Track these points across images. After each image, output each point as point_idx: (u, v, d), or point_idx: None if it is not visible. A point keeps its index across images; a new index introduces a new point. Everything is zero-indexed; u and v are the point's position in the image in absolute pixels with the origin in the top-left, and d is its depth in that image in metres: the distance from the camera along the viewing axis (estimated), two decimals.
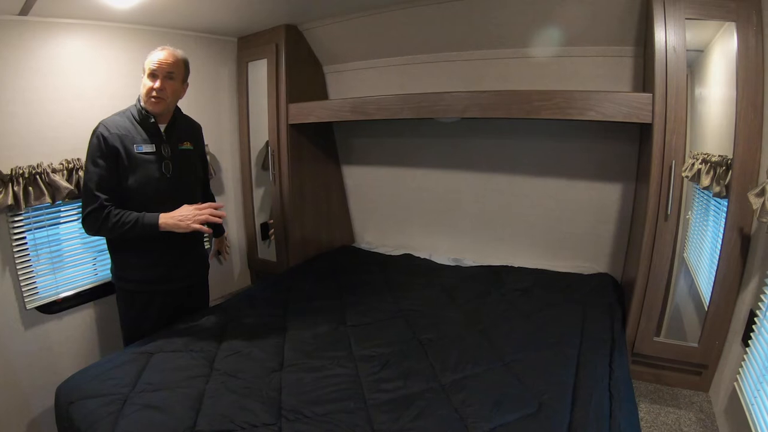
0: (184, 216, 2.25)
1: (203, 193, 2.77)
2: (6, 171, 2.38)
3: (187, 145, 2.53)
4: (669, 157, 2.29)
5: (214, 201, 2.69)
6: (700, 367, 2.45)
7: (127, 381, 2.00)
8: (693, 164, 2.36)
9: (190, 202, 2.39)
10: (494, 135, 3.26)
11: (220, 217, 2.38)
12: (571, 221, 3.20)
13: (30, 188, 2.48)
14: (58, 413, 1.97)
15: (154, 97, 2.28)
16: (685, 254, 2.59)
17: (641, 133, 2.78)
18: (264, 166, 3.69)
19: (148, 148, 2.32)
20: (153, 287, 2.43)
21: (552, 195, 3.21)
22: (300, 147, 3.54)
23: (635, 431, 1.74)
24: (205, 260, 2.75)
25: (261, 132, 3.63)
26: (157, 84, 2.26)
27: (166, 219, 2.24)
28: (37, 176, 2.50)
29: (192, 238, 2.50)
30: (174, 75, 2.33)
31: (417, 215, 3.85)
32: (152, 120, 2.33)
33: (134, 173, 2.28)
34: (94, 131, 2.23)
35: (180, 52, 2.36)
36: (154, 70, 2.26)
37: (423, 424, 1.72)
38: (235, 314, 2.67)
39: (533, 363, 2.11)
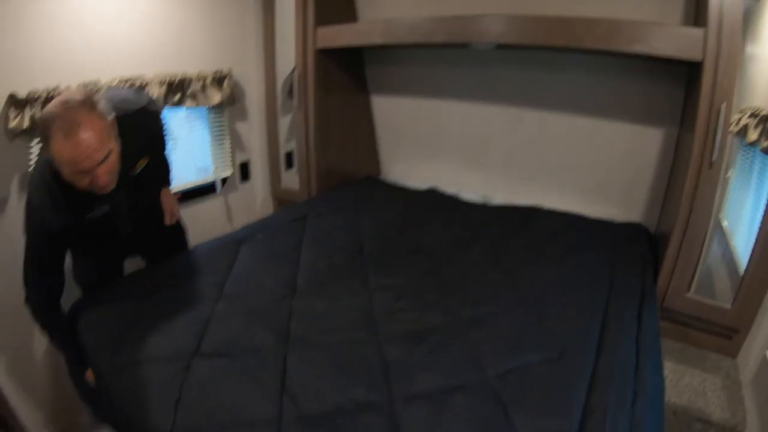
0: None
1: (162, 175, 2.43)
2: (23, 94, 2.27)
3: (142, 164, 2.07)
4: (719, 99, 2.11)
5: (169, 170, 2.44)
6: (730, 330, 2.34)
7: (134, 305, 1.99)
8: (740, 119, 2.24)
9: (150, 216, 2.30)
10: (529, 67, 3.08)
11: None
12: (606, 165, 3.05)
13: None
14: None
15: (99, 189, 1.73)
16: (720, 215, 2.47)
17: (689, 76, 2.60)
18: (290, 93, 3.57)
19: (99, 211, 1.94)
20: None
21: (587, 136, 3.05)
22: (328, 74, 3.40)
23: (659, 388, 1.66)
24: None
25: (288, 58, 3.48)
26: (97, 181, 1.68)
27: None
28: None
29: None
30: (109, 152, 1.69)
31: (446, 149, 3.70)
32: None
33: (86, 237, 2.00)
34: (28, 218, 1.84)
35: (98, 111, 1.65)
36: (80, 171, 1.63)
37: (436, 359, 1.66)
38: (250, 242, 2.61)
39: (558, 307, 2.01)
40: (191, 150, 3.42)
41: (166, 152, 2.36)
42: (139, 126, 1.98)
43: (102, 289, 2.14)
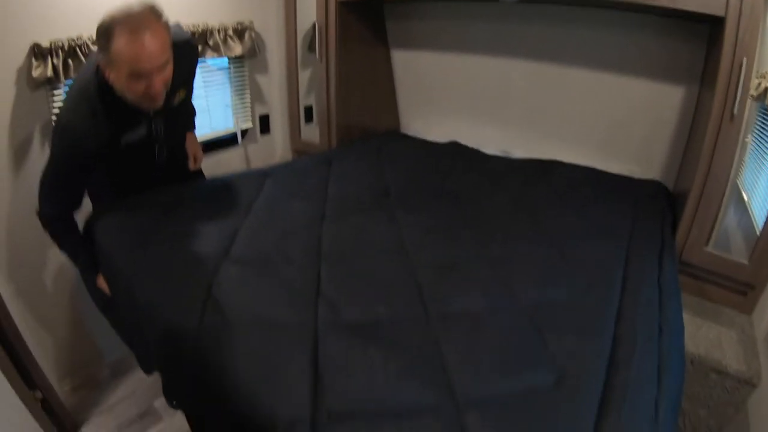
0: None
1: (190, 116, 2.48)
2: (45, 44, 2.28)
3: (181, 96, 2.11)
4: (740, 54, 2.13)
5: (194, 114, 2.51)
6: (746, 286, 2.36)
7: (156, 214, 2.04)
8: (760, 83, 2.23)
9: (177, 158, 2.31)
10: (550, 23, 3.07)
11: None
12: (626, 122, 3.05)
13: (70, 61, 2.38)
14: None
15: (150, 100, 1.79)
16: (738, 180, 2.48)
17: (710, 34, 2.60)
18: (311, 47, 3.57)
19: (136, 134, 1.96)
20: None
21: (607, 92, 3.05)
22: (349, 27, 3.39)
23: (680, 327, 1.69)
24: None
25: (309, 11, 3.47)
26: (152, 88, 1.72)
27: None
28: (77, 48, 2.39)
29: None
30: (167, 61, 1.75)
31: (466, 104, 3.69)
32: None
33: (117, 161, 2.01)
34: (61, 134, 1.82)
35: (163, 21, 1.73)
36: (140, 71, 1.67)
37: (469, 286, 1.70)
38: (276, 176, 2.63)
39: (582, 249, 2.04)
40: (212, 101, 3.44)
41: (192, 96, 2.37)
42: (183, 57, 1.93)
43: (124, 199, 2.15)
